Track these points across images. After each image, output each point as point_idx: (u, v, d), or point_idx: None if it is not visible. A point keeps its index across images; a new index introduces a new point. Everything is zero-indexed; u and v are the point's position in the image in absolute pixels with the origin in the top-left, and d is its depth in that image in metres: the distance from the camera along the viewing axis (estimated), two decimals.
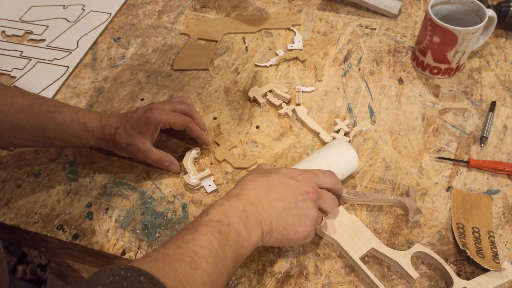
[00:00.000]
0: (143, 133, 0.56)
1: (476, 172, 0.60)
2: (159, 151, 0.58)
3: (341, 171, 0.55)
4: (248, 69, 0.74)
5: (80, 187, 0.60)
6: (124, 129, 0.56)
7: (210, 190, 0.58)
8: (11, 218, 0.57)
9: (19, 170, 0.62)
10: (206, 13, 0.85)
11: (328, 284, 0.50)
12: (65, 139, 0.57)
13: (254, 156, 0.62)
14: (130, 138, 0.56)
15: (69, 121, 0.56)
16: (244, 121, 0.67)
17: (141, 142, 0.56)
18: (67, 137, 0.57)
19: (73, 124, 0.56)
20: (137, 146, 0.56)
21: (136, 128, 0.56)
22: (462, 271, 0.51)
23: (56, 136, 0.56)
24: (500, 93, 0.69)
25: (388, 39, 0.78)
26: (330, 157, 0.55)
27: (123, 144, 0.56)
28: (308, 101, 0.69)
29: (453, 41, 0.65)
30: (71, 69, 0.75)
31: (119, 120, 0.57)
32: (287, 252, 0.53)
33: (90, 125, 0.57)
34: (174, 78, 0.74)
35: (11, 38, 0.82)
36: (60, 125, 0.55)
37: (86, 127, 0.56)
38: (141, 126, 0.56)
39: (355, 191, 0.56)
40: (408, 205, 0.54)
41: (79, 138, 0.57)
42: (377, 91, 0.70)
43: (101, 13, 0.85)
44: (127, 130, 0.56)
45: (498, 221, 0.55)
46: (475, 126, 0.65)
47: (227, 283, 0.50)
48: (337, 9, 0.84)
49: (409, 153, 0.62)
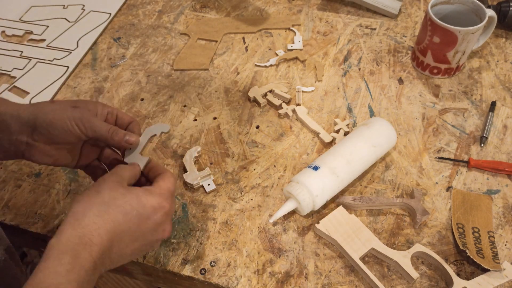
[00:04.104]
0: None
1: (476, 172, 0.60)
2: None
3: (383, 151, 0.58)
4: (248, 69, 0.74)
5: (80, 187, 0.60)
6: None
7: (209, 189, 0.58)
8: (11, 218, 0.57)
9: (19, 170, 0.62)
10: (206, 13, 0.85)
11: (328, 284, 0.50)
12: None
13: (254, 156, 0.62)
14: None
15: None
16: (244, 121, 0.67)
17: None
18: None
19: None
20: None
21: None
22: (462, 271, 0.51)
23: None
24: (500, 93, 0.69)
25: (388, 39, 0.78)
26: (374, 140, 0.57)
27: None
28: (308, 101, 0.69)
29: (453, 41, 0.65)
30: (71, 69, 0.75)
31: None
32: (287, 252, 0.53)
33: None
34: (174, 78, 0.74)
35: (11, 38, 0.82)
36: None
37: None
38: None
39: (361, 196, 0.56)
40: (414, 207, 0.54)
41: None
42: (377, 91, 0.70)
43: (101, 13, 0.85)
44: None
45: (498, 221, 0.55)
46: (475, 126, 0.65)
47: (227, 283, 0.50)
48: (337, 9, 0.84)
49: (409, 153, 0.62)
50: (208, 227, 0.55)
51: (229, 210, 0.57)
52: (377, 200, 0.55)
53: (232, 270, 0.51)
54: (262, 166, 0.61)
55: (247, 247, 0.53)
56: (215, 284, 0.51)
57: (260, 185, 0.59)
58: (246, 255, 0.53)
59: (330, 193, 0.55)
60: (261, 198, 0.58)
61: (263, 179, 0.60)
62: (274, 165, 0.61)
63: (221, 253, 0.53)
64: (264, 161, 0.62)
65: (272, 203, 0.57)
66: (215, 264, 0.52)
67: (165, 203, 0.41)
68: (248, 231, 0.55)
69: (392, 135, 0.58)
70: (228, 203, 0.57)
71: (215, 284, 0.51)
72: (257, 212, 0.56)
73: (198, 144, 0.64)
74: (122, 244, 0.39)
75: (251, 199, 0.58)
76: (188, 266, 0.52)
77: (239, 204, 0.57)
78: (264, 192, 0.58)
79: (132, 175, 0.44)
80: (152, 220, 0.41)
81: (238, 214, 0.56)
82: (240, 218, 0.56)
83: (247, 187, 0.59)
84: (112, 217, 0.38)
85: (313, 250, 0.53)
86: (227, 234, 0.55)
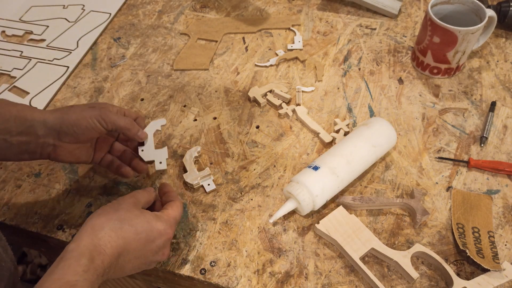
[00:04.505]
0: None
1: (476, 172, 0.60)
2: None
3: (383, 151, 0.58)
4: (248, 69, 0.74)
5: (80, 187, 0.60)
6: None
7: (209, 189, 0.58)
8: (11, 218, 0.57)
9: (19, 170, 0.62)
10: (206, 13, 0.85)
11: (328, 284, 0.50)
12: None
13: (254, 156, 0.62)
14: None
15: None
16: (244, 121, 0.67)
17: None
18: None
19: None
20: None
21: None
22: (462, 271, 0.51)
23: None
24: (500, 93, 0.69)
25: (388, 39, 0.78)
26: (374, 140, 0.57)
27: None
28: (308, 101, 0.69)
29: (453, 41, 0.65)
30: (71, 69, 0.75)
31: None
32: (287, 252, 0.53)
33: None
34: (174, 78, 0.74)
35: (11, 38, 0.82)
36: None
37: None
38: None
39: (361, 196, 0.56)
40: (414, 207, 0.54)
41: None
42: (377, 91, 0.70)
43: (101, 13, 0.85)
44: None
45: (498, 221, 0.55)
46: (475, 126, 0.65)
47: (227, 283, 0.50)
48: (337, 9, 0.84)
49: (409, 153, 0.62)
50: (208, 227, 0.55)
51: (229, 210, 0.57)
52: (377, 200, 0.55)
53: (232, 270, 0.51)
54: (262, 166, 0.61)
55: (247, 247, 0.53)
56: (215, 284, 0.51)
57: (260, 185, 0.59)
58: (246, 255, 0.53)
59: (330, 193, 0.55)
60: (261, 198, 0.58)
61: (263, 179, 0.60)
62: (274, 165, 0.61)
63: (221, 253, 0.53)
64: (264, 161, 0.62)
65: (272, 203, 0.57)
66: (215, 264, 0.52)
67: (169, 230, 0.46)
68: (248, 231, 0.55)
69: (392, 135, 0.58)
70: (228, 203, 0.57)
71: (215, 284, 0.51)
72: (257, 212, 0.56)
73: (198, 144, 0.64)
74: (126, 259, 0.43)
75: (251, 199, 0.58)
76: (188, 266, 0.52)
77: (239, 204, 0.57)
78: (264, 192, 0.58)
79: (147, 200, 0.49)
80: (155, 243, 0.45)
81: (238, 214, 0.56)
82: (240, 218, 0.56)
83: (247, 187, 0.59)
84: (124, 234, 0.43)
85: (313, 250, 0.53)
86: (227, 234, 0.55)
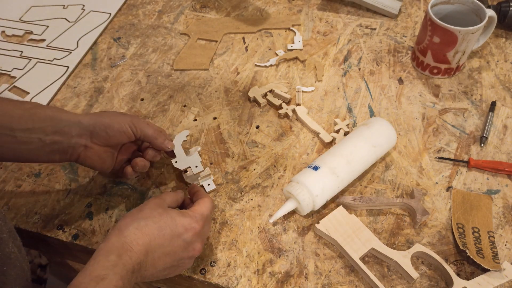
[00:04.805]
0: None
1: (476, 172, 0.60)
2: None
3: (383, 151, 0.58)
4: (248, 69, 0.74)
5: (80, 187, 0.60)
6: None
7: (209, 189, 0.58)
8: (11, 218, 0.57)
9: (19, 170, 0.62)
10: (206, 13, 0.85)
11: (328, 284, 0.50)
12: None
13: (254, 156, 0.62)
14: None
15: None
16: (244, 121, 0.67)
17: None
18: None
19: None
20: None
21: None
22: (462, 271, 0.51)
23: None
24: (500, 93, 0.69)
25: (388, 39, 0.78)
26: (374, 140, 0.57)
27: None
28: (308, 101, 0.69)
29: (453, 41, 0.65)
30: (71, 69, 0.75)
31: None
32: (287, 252, 0.53)
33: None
34: (174, 78, 0.74)
35: (11, 38, 0.82)
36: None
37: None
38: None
39: (361, 196, 0.56)
40: (414, 207, 0.54)
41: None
42: (377, 91, 0.70)
43: (101, 13, 0.85)
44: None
45: (498, 221, 0.55)
46: (475, 126, 0.65)
47: (227, 283, 0.50)
48: (337, 9, 0.84)
49: (409, 153, 0.62)
50: None
51: (229, 210, 0.57)
52: (377, 200, 0.55)
53: (232, 270, 0.51)
54: (262, 166, 0.61)
55: (247, 247, 0.53)
56: (215, 284, 0.51)
57: (260, 185, 0.59)
58: (246, 255, 0.53)
59: (330, 193, 0.55)
60: (261, 198, 0.58)
61: (263, 179, 0.60)
62: (274, 165, 0.61)
63: (221, 253, 0.53)
64: (264, 161, 0.62)
65: (272, 203, 0.57)
66: (215, 264, 0.52)
67: (196, 224, 0.47)
68: (248, 231, 0.55)
69: (392, 135, 0.58)
70: (228, 203, 0.57)
71: (215, 284, 0.51)
72: (257, 212, 0.56)
73: (198, 144, 0.64)
74: (155, 257, 0.44)
75: (251, 199, 0.58)
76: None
77: (239, 204, 0.57)
78: (264, 192, 0.58)
79: (173, 200, 0.50)
80: (182, 238, 0.46)
81: (238, 214, 0.56)
82: (240, 218, 0.56)
83: (247, 187, 0.59)
84: (148, 231, 0.44)
85: (313, 250, 0.53)
86: (227, 234, 0.55)
